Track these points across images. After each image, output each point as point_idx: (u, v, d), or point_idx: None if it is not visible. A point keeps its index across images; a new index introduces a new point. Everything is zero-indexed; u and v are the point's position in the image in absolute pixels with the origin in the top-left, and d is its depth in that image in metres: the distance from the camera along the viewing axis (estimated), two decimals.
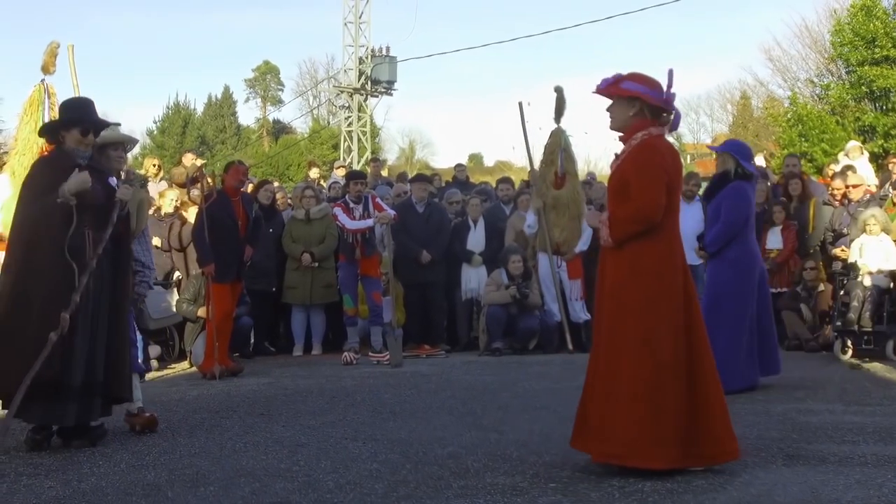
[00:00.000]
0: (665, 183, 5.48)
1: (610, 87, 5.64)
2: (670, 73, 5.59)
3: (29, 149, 9.05)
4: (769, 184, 14.05)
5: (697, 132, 58.12)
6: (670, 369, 5.30)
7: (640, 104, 5.56)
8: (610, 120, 5.70)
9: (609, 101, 5.70)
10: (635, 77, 5.62)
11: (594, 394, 5.52)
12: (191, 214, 11.99)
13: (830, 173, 13.82)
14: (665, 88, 5.58)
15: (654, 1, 28.50)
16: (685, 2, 37.99)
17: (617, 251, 5.55)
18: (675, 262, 5.53)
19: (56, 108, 9.02)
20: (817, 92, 31.64)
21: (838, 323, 10.89)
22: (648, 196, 5.45)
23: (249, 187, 13.14)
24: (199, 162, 16.52)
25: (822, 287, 12.02)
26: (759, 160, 17.98)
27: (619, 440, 5.29)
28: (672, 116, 5.64)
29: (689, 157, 55.08)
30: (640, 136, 5.56)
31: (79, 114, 6.76)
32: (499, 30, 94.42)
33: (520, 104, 9.72)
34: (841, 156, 15.91)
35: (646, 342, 5.34)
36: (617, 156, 5.77)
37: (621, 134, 5.69)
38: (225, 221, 10.42)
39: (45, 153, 8.90)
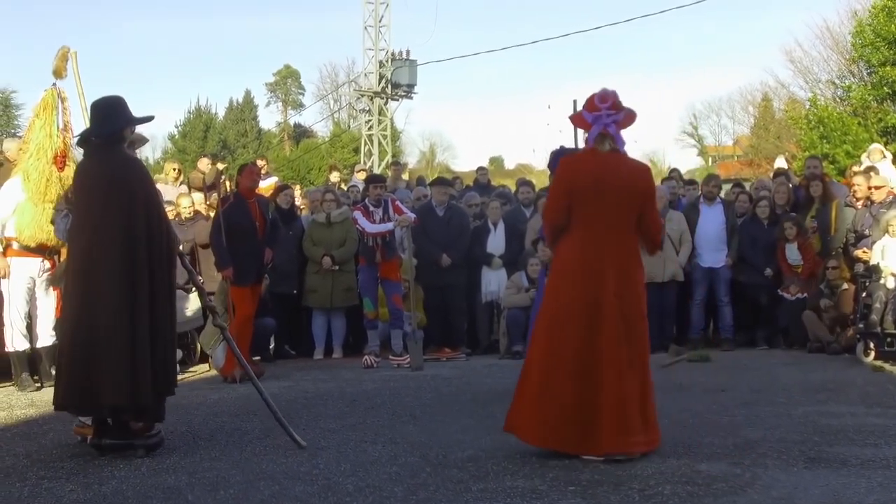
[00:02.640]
0: (562, 192, 6.15)
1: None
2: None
3: (43, 154, 9.10)
4: (791, 185, 13.99)
5: (719, 134, 58.11)
6: (561, 359, 5.93)
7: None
8: None
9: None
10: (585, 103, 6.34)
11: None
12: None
13: (852, 174, 13.73)
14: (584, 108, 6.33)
15: (675, 3, 28.48)
16: (705, 4, 37.78)
17: None
18: (581, 264, 6.06)
19: (69, 112, 9.07)
20: (839, 93, 31.52)
21: (861, 325, 10.83)
22: (547, 206, 6.40)
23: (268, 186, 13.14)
24: (220, 166, 16.56)
25: (845, 286, 11.94)
26: (781, 162, 17.91)
27: (513, 412, 6.12)
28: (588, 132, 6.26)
29: (710, 159, 55.00)
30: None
31: (128, 111, 6.65)
32: (519, 33, 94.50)
33: (574, 103, 9.70)
34: (863, 157, 15.82)
35: (545, 332, 6.08)
36: None
37: None
38: (243, 224, 10.41)
39: (60, 156, 8.95)
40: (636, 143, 13.85)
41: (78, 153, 8.46)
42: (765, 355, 11.95)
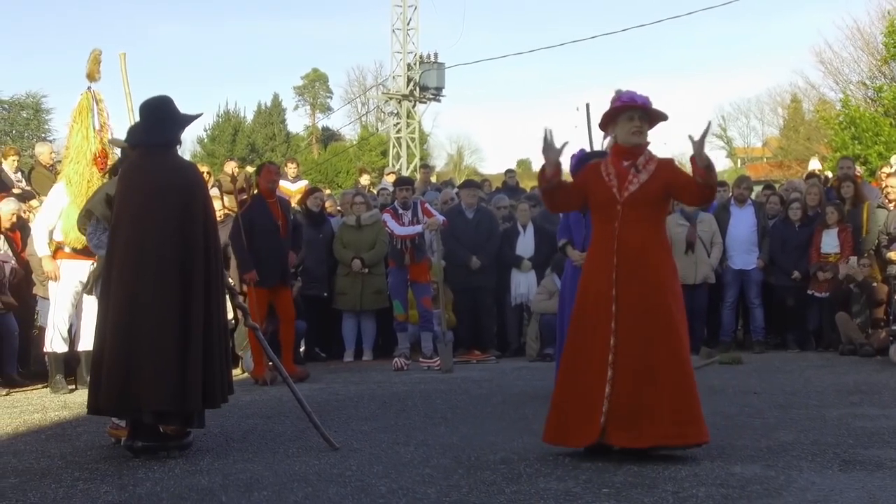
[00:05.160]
0: None
1: (657, 109, 6.26)
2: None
3: (83, 156, 9.18)
4: (823, 187, 13.91)
5: (748, 136, 57.69)
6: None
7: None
8: (640, 135, 6.23)
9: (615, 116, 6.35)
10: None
11: None
12: None
13: (883, 176, 13.63)
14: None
15: (703, 4, 28.39)
16: (734, 5, 37.63)
17: (663, 251, 6.18)
18: None
19: (105, 114, 9.13)
20: (870, 94, 31.28)
21: (893, 327, 10.76)
22: None
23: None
24: (249, 169, 16.61)
25: (875, 284, 11.86)
26: (815, 164, 17.79)
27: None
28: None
29: (739, 160, 54.70)
30: (651, 151, 6.25)
31: (178, 111, 6.69)
32: (546, 35, 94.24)
33: (587, 105, 9.73)
34: (893, 160, 15.72)
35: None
36: (636, 167, 6.17)
37: (627, 147, 6.23)
38: (265, 224, 10.42)
39: (101, 156, 9.01)
40: (665, 146, 13.71)
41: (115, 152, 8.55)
42: (797, 357, 11.89)
